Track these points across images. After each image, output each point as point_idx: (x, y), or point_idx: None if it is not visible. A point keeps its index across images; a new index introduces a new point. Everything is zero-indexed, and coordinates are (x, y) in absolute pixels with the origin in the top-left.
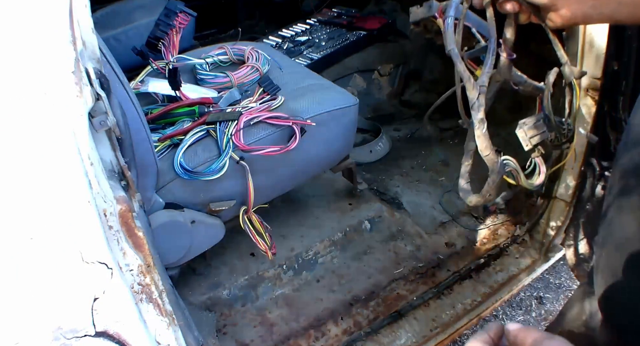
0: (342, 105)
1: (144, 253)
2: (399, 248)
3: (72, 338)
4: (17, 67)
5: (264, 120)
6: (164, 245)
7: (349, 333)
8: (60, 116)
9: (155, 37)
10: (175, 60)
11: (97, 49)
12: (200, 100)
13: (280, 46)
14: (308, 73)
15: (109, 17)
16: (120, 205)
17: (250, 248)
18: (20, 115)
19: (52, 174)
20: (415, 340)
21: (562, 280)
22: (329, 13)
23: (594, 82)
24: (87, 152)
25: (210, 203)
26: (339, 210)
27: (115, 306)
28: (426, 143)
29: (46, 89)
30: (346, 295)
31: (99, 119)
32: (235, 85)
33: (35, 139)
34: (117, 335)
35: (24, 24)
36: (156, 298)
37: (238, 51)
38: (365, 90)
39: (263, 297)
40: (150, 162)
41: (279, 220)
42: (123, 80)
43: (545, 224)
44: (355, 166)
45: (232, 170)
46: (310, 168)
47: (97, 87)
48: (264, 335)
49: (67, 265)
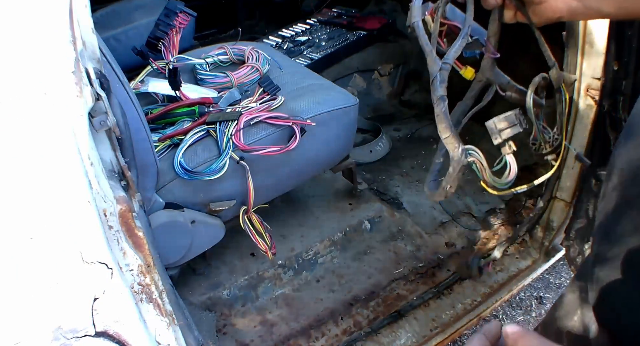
0: (342, 105)
1: (144, 253)
2: (399, 248)
3: (72, 338)
4: (17, 67)
5: (264, 120)
6: (164, 245)
7: (349, 333)
8: (61, 116)
9: (155, 37)
10: (175, 60)
11: (97, 49)
12: (200, 100)
13: (280, 46)
14: (308, 73)
15: (109, 17)
16: (120, 205)
17: (250, 248)
18: (20, 115)
19: (52, 174)
20: (415, 340)
21: (562, 280)
22: (329, 13)
23: (594, 82)
24: (87, 152)
25: (210, 203)
26: (339, 210)
27: (115, 306)
28: (426, 143)
29: (46, 89)
30: (346, 295)
31: (99, 119)
32: (235, 85)
33: (36, 139)
34: (117, 335)
35: (24, 24)
36: (156, 298)
37: (238, 51)
38: (365, 90)
39: (263, 297)
40: (150, 162)
41: (279, 220)
42: (123, 80)
43: (545, 224)
44: (355, 166)
45: (232, 170)
46: (310, 168)
47: (97, 87)
48: (264, 335)
49: (67, 265)
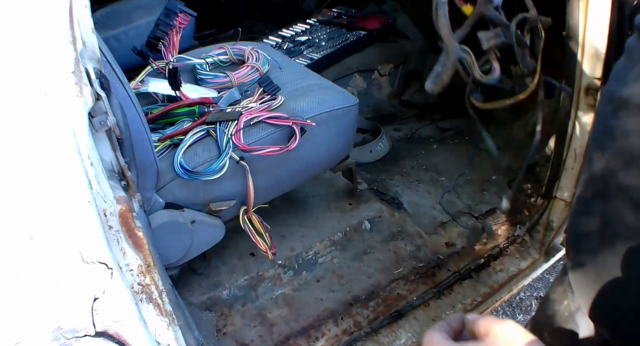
0: (342, 105)
1: (144, 253)
2: (399, 248)
3: (72, 338)
4: (17, 67)
5: (264, 120)
6: (164, 245)
7: (349, 333)
8: (61, 116)
9: (155, 37)
10: (175, 60)
11: (97, 49)
12: (200, 100)
13: (280, 46)
14: (308, 73)
15: (109, 17)
16: (120, 205)
17: (250, 248)
18: (20, 115)
19: (52, 174)
20: (416, 340)
21: None
22: (329, 13)
23: (594, 82)
24: (87, 152)
25: (210, 203)
26: (339, 210)
27: (115, 306)
28: (426, 143)
29: (46, 89)
30: (346, 295)
31: (99, 119)
32: (235, 85)
33: (36, 139)
34: (117, 335)
35: (24, 24)
36: (156, 298)
37: (238, 51)
38: (365, 90)
39: (263, 297)
40: (150, 162)
41: (279, 220)
42: (123, 80)
43: (545, 224)
44: (355, 166)
45: (232, 170)
46: (310, 168)
47: (97, 87)
48: (264, 335)
49: (67, 265)
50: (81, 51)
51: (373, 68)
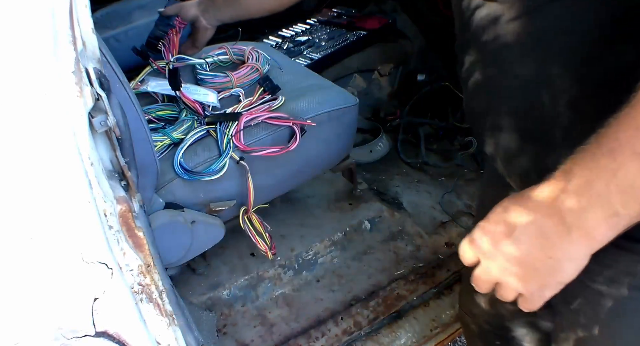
0: (342, 105)
1: (144, 253)
2: (399, 248)
3: (72, 338)
4: (17, 67)
5: (264, 120)
6: (164, 245)
7: (349, 333)
8: (60, 116)
9: (155, 37)
10: (175, 60)
11: (97, 49)
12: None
13: (280, 46)
14: (308, 73)
15: (109, 17)
16: (121, 205)
17: (250, 248)
18: (20, 116)
19: (52, 174)
20: (415, 340)
21: None
22: (329, 13)
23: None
24: (87, 152)
25: (210, 203)
26: (339, 210)
27: (115, 307)
28: (426, 143)
29: (46, 89)
30: (346, 295)
31: (99, 119)
32: (235, 85)
33: (35, 139)
34: (117, 335)
35: (24, 24)
36: (156, 298)
37: (238, 51)
38: (365, 90)
39: (263, 297)
40: (150, 162)
41: (279, 220)
42: (123, 80)
43: None
44: (355, 166)
45: (232, 170)
46: (310, 168)
47: (97, 87)
48: (264, 335)
49: (67, 265)
50: (81, 51)
51: (373, 68)
